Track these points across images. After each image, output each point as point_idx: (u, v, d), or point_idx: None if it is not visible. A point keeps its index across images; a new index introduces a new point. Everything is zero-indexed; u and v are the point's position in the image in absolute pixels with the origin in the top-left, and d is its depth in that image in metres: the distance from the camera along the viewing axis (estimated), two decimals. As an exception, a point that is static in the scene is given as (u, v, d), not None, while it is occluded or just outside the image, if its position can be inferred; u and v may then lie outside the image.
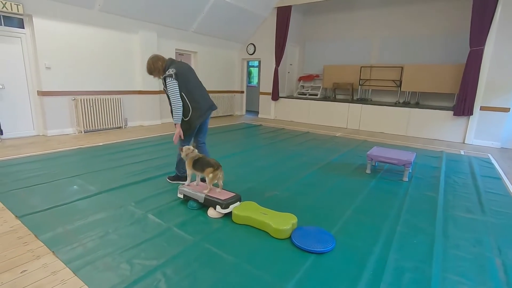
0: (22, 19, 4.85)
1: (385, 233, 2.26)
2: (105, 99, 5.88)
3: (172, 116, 2.78)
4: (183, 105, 2.73)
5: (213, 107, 2.97)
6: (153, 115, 6.95)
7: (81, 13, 5.33)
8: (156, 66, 2.75)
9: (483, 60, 5.76)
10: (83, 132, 5.63)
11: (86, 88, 5.66)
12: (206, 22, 7.34)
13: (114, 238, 2.07)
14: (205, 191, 2.50)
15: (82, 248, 1.94)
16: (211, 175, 2.43)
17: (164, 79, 2.72)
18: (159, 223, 2.29)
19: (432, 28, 7.18)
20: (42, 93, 5.09)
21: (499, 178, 3.78)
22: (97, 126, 5.83)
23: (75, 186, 2.98)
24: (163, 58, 2.81)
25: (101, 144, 4.84)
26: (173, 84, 2.66)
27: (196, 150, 2.71)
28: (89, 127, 5.69)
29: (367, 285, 1.66)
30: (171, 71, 2.67)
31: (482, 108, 5.93)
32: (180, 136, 2.82)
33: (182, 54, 7.69)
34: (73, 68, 5.43)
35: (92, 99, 5.66)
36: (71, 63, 5.39)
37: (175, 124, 2.78)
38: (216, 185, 2.58)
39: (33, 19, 4.82)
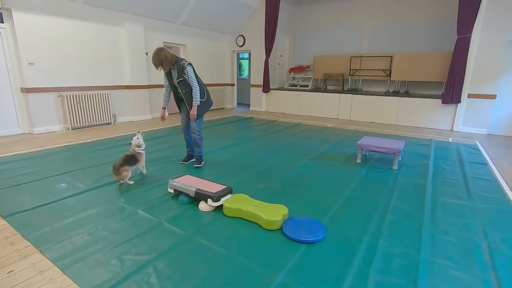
0: (1, 13, 4.67)
1: (375, 221, 2.29)
2: (93, 95, 5.75)
3: (191, 101, 3.28)
4: (200, 89, 3.28)
5: None
6: (143, 110, 6.85)
7: (63, 5, 5.16)
8: (168, 58, 3.07)
9: (470, 48, 5.82)
10: (70, 129, 5.51)
11: (72, 83, 5.53)
12: (194, 14, 7.20)
13: (104, 234, 2.05)
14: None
15: (71, 245, 1.91)
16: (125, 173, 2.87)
17: (184, 68, 3.14)
18: (150, 219, 2.27)
19: (421, 16, 7.20)
20: (26, 90, 4.95)
21: (485, 164, 3.87)
22: (85, 122, 5.72)
23: (63, 184, 2.93)
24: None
25: (89, 140, 4.75)
26: (193, 72, 3.20)
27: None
28: (77, 123, 5.57)
29: (357, 272, 1.69)
30: (186, 61, 3.15)
31: (469, 96, 6.01)
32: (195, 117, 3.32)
33: (170, 47, 7.54)
34: (58, 63, 5.28)
35: (78, 95, 5.53)
36: (55, 58, 5.24)
37: (193, 106, 3.27)
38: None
39: (13, 13, 4.64)
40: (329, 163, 3.77)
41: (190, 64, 3.18)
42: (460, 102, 6.06)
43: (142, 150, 3.11)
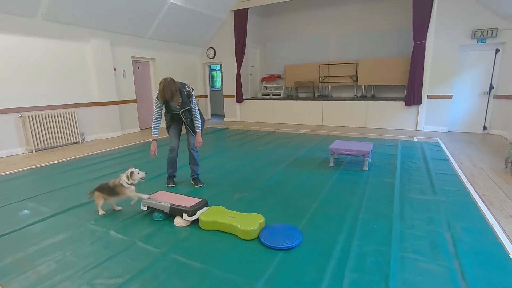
0: (-49, 32, 4.38)
1: (348, 222, 2.37)
2: (58, 114, 5.49)
3: (198, 127, 3.17)
4: (200, 114, 3.21)
5: None
6: (113, 127, 6.63)
7: (22, 22, 4.93)
8: (178, 89, 2.85)
9: (426, 53, 6.28)
10: (34, 151, 5.20)
11: (35, 103, 5.25)
12: (162, 27, 7.17)
13: (73, 260, 1.94)
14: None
15: (36, 275, 1.79)
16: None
17: (189, 96, 2.98)
18: (123, 239, 2.19)
19: (382, 24, 7.67)
20: (-18, 112, 4.63)
21: (447, 160, 4.14)
22: (50, 143, 5.43)
23: (26, 210, 2.75)
24: None
25: (55, 162, 4.51)
26: (195, 100, 3.07)
27: None
28: (41, 145, 5.28)
29: (333, 273, 1.73)
30: (189, 87, 3.00)
31: (429, 97, 6.45)
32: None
33: (139, 62, 7.43)
34: (18, 82, 5.00)
35: (42, 115, 5.25)
36: (15, 77, 4.96)
37: (197, 133, 3.18)
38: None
39: (-36, 32, 4.37)
40: (303, 168, 3.86)
41: (192, 89, 3.03)
42: (421, 103, 6.47)
43: (129, 184, 2.57)
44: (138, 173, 2.60)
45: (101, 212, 2.61)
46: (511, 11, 5.21)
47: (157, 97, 2.93)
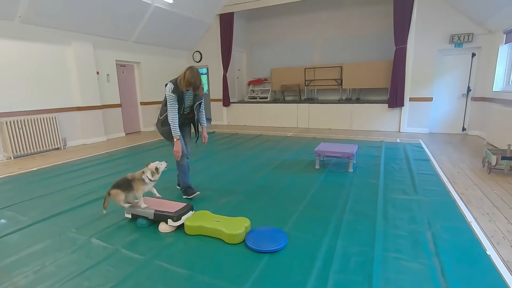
0: None
1: (333, 223, 2.40)
2: (37, 119, 5.32)
3: (205, 122, 3.14)
4: None
5: None
6: (97, 132, 6.48)
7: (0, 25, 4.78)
8: None
9: (407, 57, 6.47)
10: (12, 158, 5.01)
11: (13, 108, 5.06)
12: (147, 31, 7.09)
13: (53, 270, 1.88)
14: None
15: (13, 287, 1.72)
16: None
17: (203, 88, 2.87)
18: (105, 247, 2.14)
19: (365, 29, 7.86)
20: (-45, 118, 4.44)
21: (428, 160, 4.26)
22: (30, 149, 5.25)
23: (2, 220, 2.64)
24: None
25: (35, 169, 4.36)
26: None
27: None
28: (20, 151, 5.09)
29: (318, 275, 1.75)
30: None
31: (411, 99, 6.64)
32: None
33: (123, 66, 7.32)
34: (-6, 87, 4.83)
35: (21, 121, 5.08)
36: (-9, 81, 4.79)
37: (203, 127, 3.13)
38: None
39: None
40: (289, 171, 3.88)
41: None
42: (403, 105, 6.65)
43: (151, 181, 2.44)
44: (163, 166, 2.50)
45: (126, 206, 2.45)
46: (485, 17, 5.46)
47: (172, 92, 2.67)
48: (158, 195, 2.56)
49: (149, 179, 2.40)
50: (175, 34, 7.92)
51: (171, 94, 2.69)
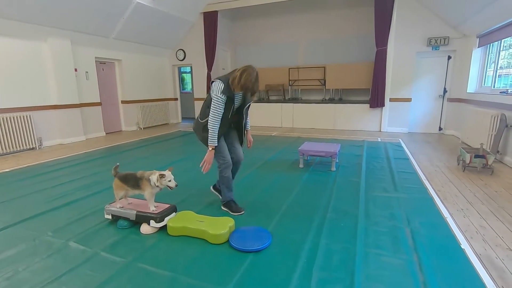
0: None
1: (316, 222, 2.43)
2: (10, 118, 5.06)
3: (248, 124, 2.93)
4: None
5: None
6: (75, 131, 6.24)
7: (-34, 18, 4.50)
8: None
9: (388, 58, 6.66)
10: (-17, 159, 4.74)
11: (-18, 106, 4.80)
12: (129, 27, 6.91)
13: (26, 276, 1.79)
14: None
15: (-18, 296, 1.63)
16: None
17: None
18: (84, 250, 2.06)
19: (347, 31, 8.02)
20: None
21: (407, 159, 4.41)
22: (3, 149, 4.98)
23: (-29, 224, 2.49)
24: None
25: (7, 170, 4.15)
26: None
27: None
28: (-9, 151, 4.83)
29: (302, 273, 1.76)
30: None
31: (391, 100, 6.84)
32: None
33: (103, 63, 7.09)
34: (-38, 83, 4.55)
35: (-8, 119, 4.81)
36: (-42, 78, 4.50)
37: (248, 130, 2.93)
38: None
39: None
40: (273, 170, 3.90)
41: None
42: (384, 105, 6.84)
43: (156, 186, 2.28)
44: (170, 180, 2.28)
45: (118, 205, 2.38)
46: (460, 21, 5.71)
47: (222, 92, 2.29)
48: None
49: (154, 183, 2.25)
50: (158, 32, 7.76)
51: (220, 96, 2.29)
